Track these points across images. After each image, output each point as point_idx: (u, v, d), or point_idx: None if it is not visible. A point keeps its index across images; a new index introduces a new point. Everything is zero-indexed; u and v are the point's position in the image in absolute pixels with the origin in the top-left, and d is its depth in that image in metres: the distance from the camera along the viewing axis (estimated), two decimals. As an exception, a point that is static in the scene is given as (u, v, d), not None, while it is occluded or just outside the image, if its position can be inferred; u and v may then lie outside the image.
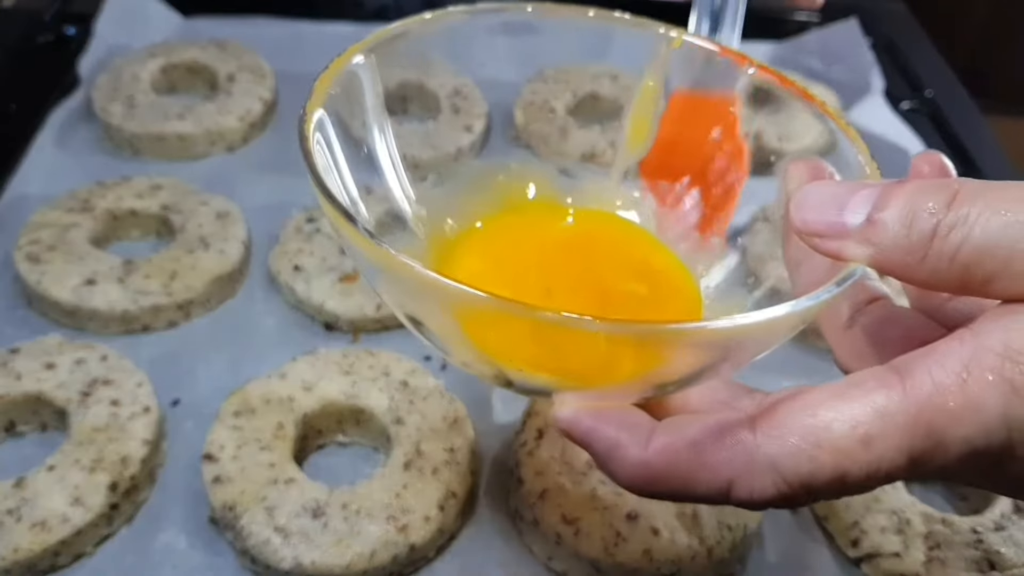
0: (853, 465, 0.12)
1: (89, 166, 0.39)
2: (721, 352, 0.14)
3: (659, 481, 0.13)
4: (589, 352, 0.14)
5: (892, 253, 0.12)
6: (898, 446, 0.12)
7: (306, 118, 0.18)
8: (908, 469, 0.12)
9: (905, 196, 0.12)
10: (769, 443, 0.12)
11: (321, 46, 0.48)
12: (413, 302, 0.15)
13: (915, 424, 0.12)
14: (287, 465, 0.26)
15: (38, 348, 0.29)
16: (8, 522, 0.24)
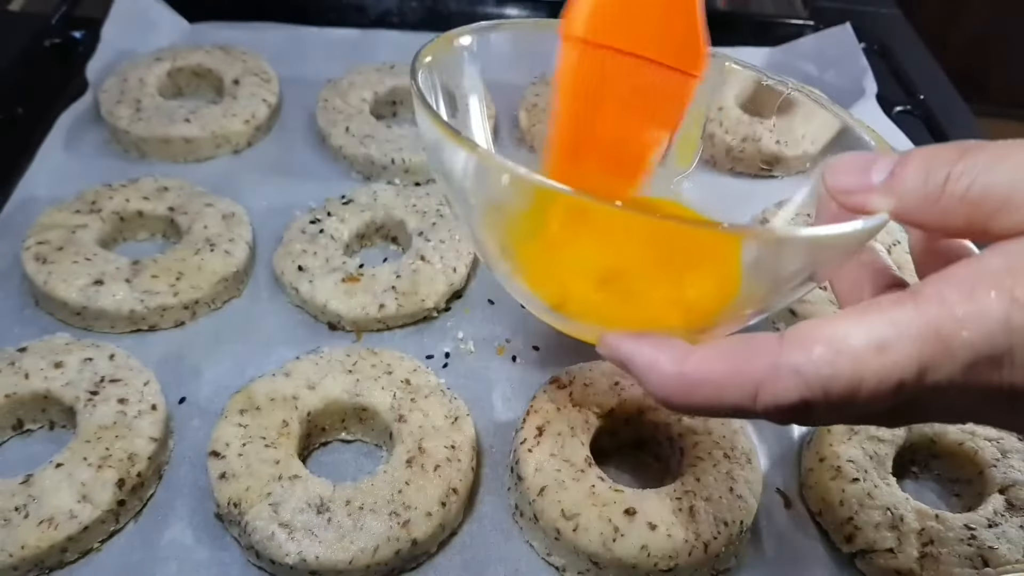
0: (867, 370, 0.13)
1: (96, 168, 0.39)
2: (772, 262, 0.15)
3: (693, 391, 0.14)
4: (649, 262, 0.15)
5: (911, 200, 0.14)
6: (910, 352, 0.13)
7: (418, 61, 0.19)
8: (918, 378, 0.13)
9: (922, 155, 0.15)
10: (793, 351, 0.13)
11: (324, 51, 0.49)
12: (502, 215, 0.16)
13: (925, 331, 0.13)
14: (291, 462, 0.27)
15: (46, 347, 0.30)
16: (16, 519, 0.25)
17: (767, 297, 0.16)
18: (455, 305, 0.35)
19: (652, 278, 0.16)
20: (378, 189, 0.38)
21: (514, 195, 0.15)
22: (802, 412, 0.14)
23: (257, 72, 0.44)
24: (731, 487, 0.27)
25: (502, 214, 0.16)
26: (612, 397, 0.29)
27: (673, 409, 0.15)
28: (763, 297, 0.16)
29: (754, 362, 0.14)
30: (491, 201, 0.16)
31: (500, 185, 0.15)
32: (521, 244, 0.16)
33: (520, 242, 0.16)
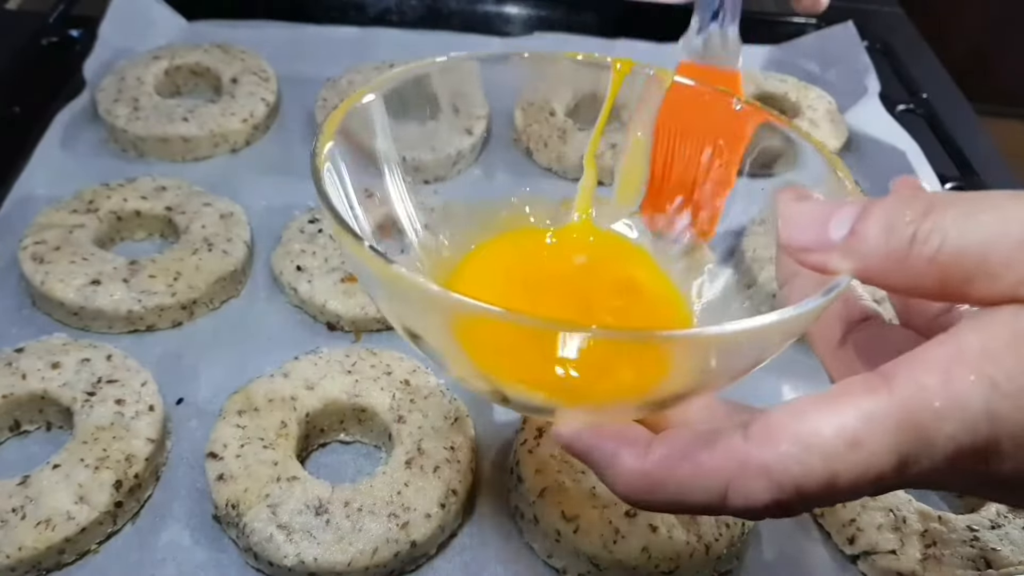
0: (843, 467, 0.12)
1: (94, 167, 0.39)
2: (712, 359, 0.14)
3: (656, 490, 0.13)
4: (585, 365, 0.14)
5: (873, 261, 0.13)
6: (887, 447, 0.12)
7: (318, 150, 0.18)
8: (897, 471, 0.12)
9: (884, 209, 0.13)
10: (761, 450, 0.13)
11: (323, 49, 0.49)
12: (413, 315, 0.16)
13: (902, 424, 0.12)
14: (290, 463, 0.27)
15: (43, 347, 0.29)
16: (13, 520, 0.24)
17: (705, 384, 0.15)
18: (455, 305, 0.35)
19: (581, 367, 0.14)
20: (377, 188, 0.38)
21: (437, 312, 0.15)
22: (776, 510, 0.13)
23: (255, 71, 0.43)
24: (732, 488, 0.27)
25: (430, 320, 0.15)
26: (612, 398, 0.29)
27: (636, 507, 0.14)
28: (699, 384, 0.15)
29: (719, 460, 0.13)
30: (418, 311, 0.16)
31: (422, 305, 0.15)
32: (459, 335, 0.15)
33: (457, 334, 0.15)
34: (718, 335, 0.13)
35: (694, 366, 0.14)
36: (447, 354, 0.16)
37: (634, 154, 0.22)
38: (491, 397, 0.16)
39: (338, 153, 0.19)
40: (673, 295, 0.20)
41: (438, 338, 0.16)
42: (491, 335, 0.14)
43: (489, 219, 0.23)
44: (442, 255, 0.21)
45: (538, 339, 0.13)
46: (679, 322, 0.19)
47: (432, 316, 0.15)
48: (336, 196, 0.18)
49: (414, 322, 0.16)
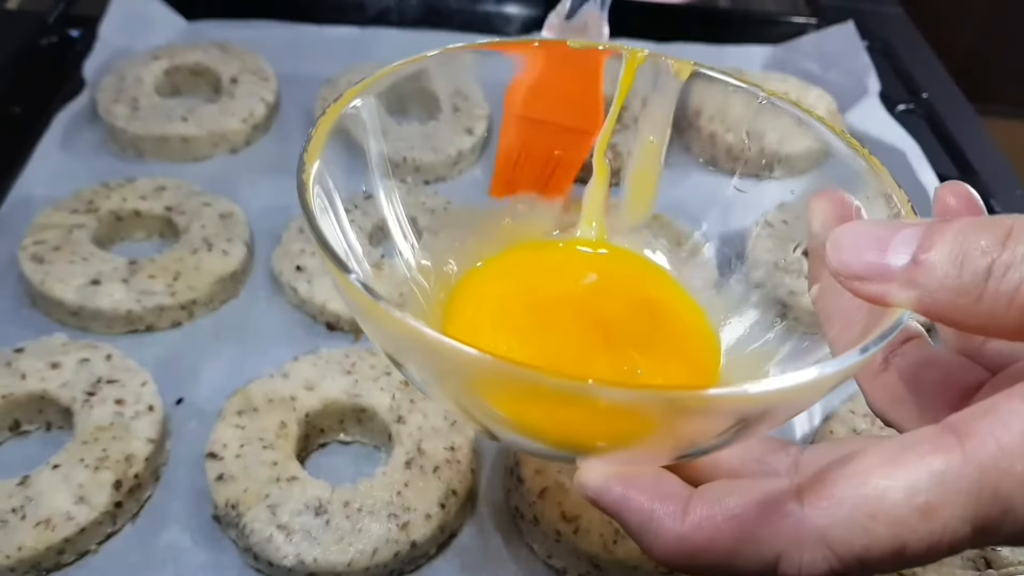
0: (912, 536, 0.11)
1: (93, 167, 0.39)
2: (754, 416, 0.12)
3: (699, 555, 0.12)
4: (617, 417, 0.12)
5: (941, 295, 0.11)
6: (962, 515, 0.11)
7: (304, 167, 0.16)
8: (973, 539, 0.11)
9: (953, 234, 0.11)
10: (819, 515, 0.11)
11: (323, 49, 0.49)
12: (415, 360, 0.14)
13: (979, 490, 0.11)
14: (290, 463, 0.27)
15: (43, 347, 0.29)
16: (13, 520, 0.24)
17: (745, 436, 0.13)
18: (454, 305, 0.35)
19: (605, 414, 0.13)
20: (377, 188, 0.38)
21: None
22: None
23: (255, 71, 0.43)
24: (732, 489, 0.27)
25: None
26: (612, 398, 0.29)
27: (675, 570, 0.13)
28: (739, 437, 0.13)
29: (770, 525, 0.11)
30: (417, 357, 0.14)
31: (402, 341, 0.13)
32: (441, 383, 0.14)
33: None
34: (761, 395, 0.11)
35: (731, 422, 0.12)
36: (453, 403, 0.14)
37: (646, 158, 0.20)
38: (494, 438, 0.15)
39: (330, 162, 0.18)
40: (696, 315, 0.18)
41: (445, 390, 0.14)
42: (506, 386, 0.12)
43: (493, 226, 0.21)
44: (444, 265, 0.20)
45: (563, 396, 0.12)
46: (708, 350, 0.17)
47: (437, 367, 0.13)
48: (327, 223, 0.16)
49: (417, 368, 0.14)
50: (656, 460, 0.13)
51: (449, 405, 0.15)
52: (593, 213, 0.21)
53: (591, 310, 0.18)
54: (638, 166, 0.21)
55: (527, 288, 0.20)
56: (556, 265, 0.21)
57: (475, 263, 0.20)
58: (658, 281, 0.20)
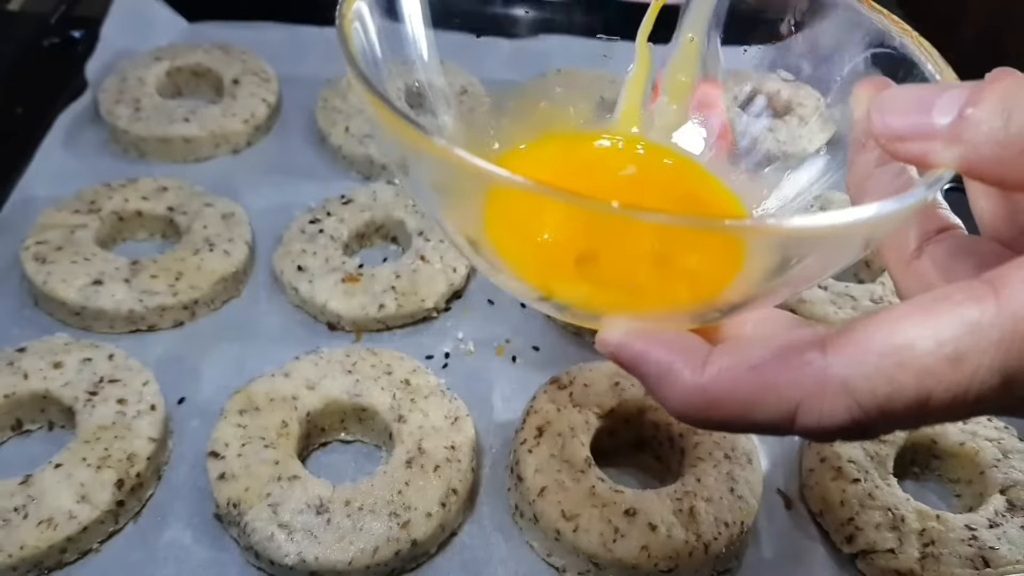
0: (939, 386, 0.10)
1: (96, 168, 0.39)
2: (786, 257, 0.12)
3: (715, 407, 0.11)
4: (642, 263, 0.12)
5: (987, 150, 0.11)
6: (990, 364, 0.10)
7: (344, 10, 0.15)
8: (1000, 392, 0.10)
9: (1000, 90, 0.11)
10: (842, 363, 0.11)
11: (324, 50, 0.49)
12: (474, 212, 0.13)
13: (1011, 339, 0.10)
14: (291, 462, 0.27)
15: (45, 347, 0.30)
16: (15, 519, 0.25)
17: (772, 290, 0.13)
18: (455, 305, 0.35)
19: (635, 263, 0.13)
20: (378, 189, 0.38)
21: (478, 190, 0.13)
22: (852, 432, 0.11)
23: (256, 71, 0.44)
24: (732, 487, 0.27)
25: (466, 203, 0.14)
26: (612, 397, 0.29)
27: (689, 424, 0.12)
28: (766, 289, 0.13)
29: (792, 375, 0.11)
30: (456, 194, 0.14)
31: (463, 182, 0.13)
32: (493, 232, 0.14)
33: (491, 230, 0.14)
34: (800, 228, 0.11)
35: (764, 265, 0.12)
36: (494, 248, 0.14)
37: (684, 58, 0.19)
38: (533, 298, 0.14)
39: (366, 14, 0.16)
40: (733, 203, 0.17)
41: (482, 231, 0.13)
42: (540, 225, 0.12)
43: (529, 108, 0.20)
44: (483, 142, 0.18)
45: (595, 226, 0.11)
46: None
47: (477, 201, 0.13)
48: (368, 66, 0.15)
49: (474, 228, 0.13)
50: (678, 322, 0.13)
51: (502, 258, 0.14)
52: (633, 103, 0.20)
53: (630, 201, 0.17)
54: (676, 64, 0.20)
55: (567, 177, 0.18)
56: (594, 158, 0.19)
57: (511, 146, 0.18)
58: (693, 174, 0.19)
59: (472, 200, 0.13)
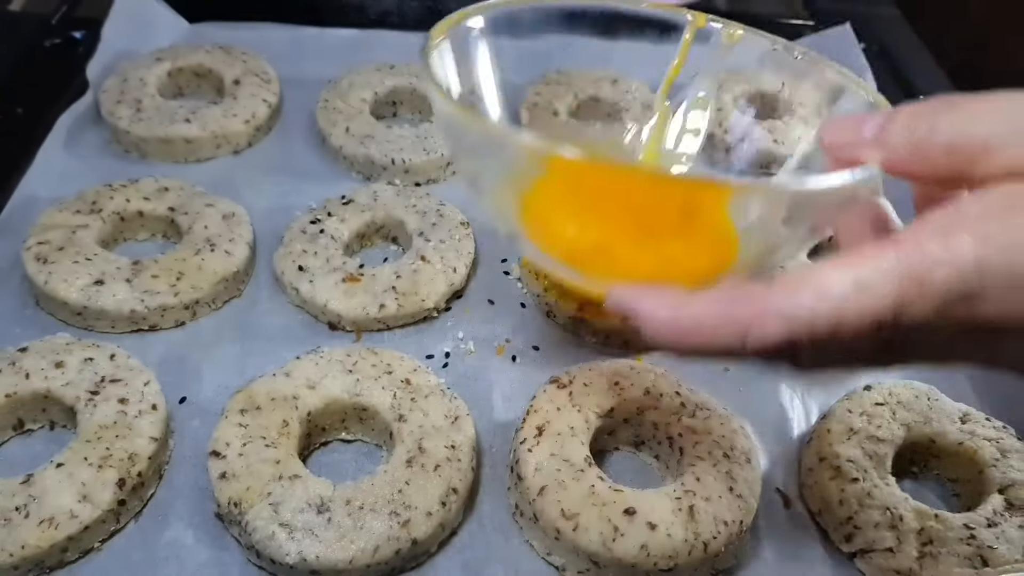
0: (848, 310, 0.14)
1: (97, 168, 0.39)
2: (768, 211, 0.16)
3: (688, 335, 0.15)
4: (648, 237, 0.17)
5: (898, 152, 0.16)
6: (887, 292, 0.14)
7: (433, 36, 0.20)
8: (895, 315, 0.14)
9: (909, 110, 0.16)
10: (780, 296, 0.15)
11: (324, 51, 0.49)
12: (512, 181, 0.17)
13: (902, 273, 0.14)
14: (292, 462, 0.27)
15: (46, 347, 0.30)
16: (16, 518, 0.25)
17: (767, 251, 0.18)
18: (455, 305, 0.35)
19: (644, 242, 0.17)
20: (378, 189, 0.38)
21: (518, 160, 0.17)
22: (788, 353, 0.15)
23: (257, 72, 0.44)
24: (731, 487, 0.27)
25: (512, 178, 0.18)
26: (612, 397, 0.29)
27: (672, 353, 0.16)
28: (763, 251, 0.18)
29: (744, 307, 0.15)
30: (502, 167, 0.18)
31: (507, 151, 0.17)
32: (530, 206, 0.18)
33: (529, 204, 0.18)
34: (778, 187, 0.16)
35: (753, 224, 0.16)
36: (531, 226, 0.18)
37: (697, 107, 0.24)
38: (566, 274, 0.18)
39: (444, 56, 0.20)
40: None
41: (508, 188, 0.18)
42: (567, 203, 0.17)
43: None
44: None
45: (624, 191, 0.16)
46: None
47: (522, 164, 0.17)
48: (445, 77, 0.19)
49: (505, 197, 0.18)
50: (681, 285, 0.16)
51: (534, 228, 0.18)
52: (653, 144, 0.25)
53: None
54: (691, 110, 0.25)
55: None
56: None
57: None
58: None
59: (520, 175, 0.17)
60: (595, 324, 0.34)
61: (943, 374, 0.35)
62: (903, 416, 0.30)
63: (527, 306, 0.36)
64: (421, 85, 0.44)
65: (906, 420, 0.30)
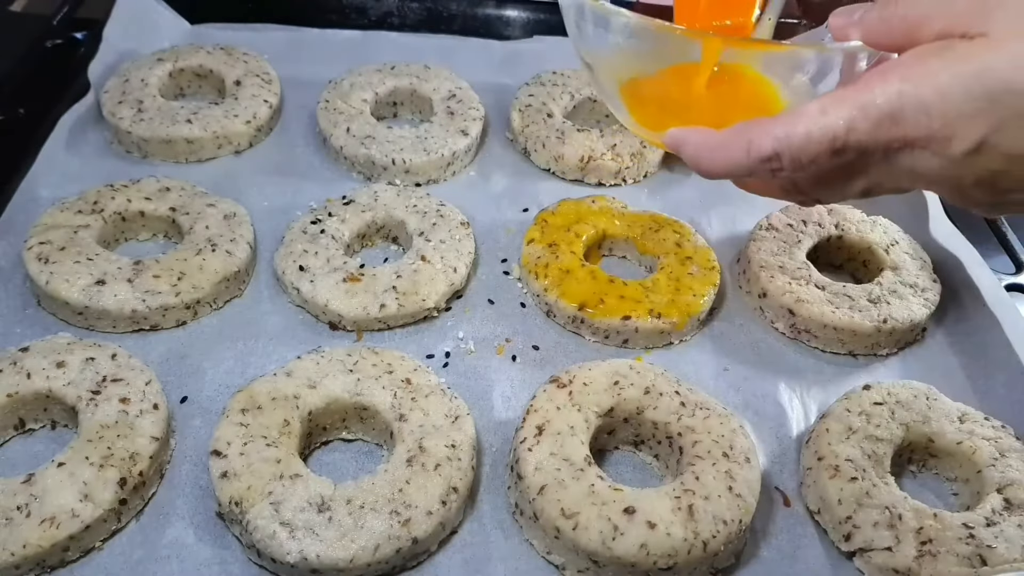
0: (814, 127, 0.20)
1: (98, 169, 0.39)
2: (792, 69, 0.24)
3: (713, 154, 0.22)
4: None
5: (872, 27, 0.22)
6: (840, 114, 0.20)
7: None
8: (846, 132, 0.20)
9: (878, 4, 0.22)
10: (774, 122, 0.21)
11: (325, 52, 0.49)
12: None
13: (852, 103, 0.19)
14: (293, 461, 0.27)
15: (48, 346, 0.30)
16: (18, 518, 0.25)
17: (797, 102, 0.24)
18: (455, 305, 0.35)
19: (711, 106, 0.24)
20: (379, 189, 0.38)
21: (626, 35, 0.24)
22: (776, 162, 0.20)
23: (258, 73, 0.44)
24: (730, 486, 0.27)
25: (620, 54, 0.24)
26: (611, 396, 0.29)
27: (701, 170, 0.22)
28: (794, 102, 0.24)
29: (750, 130, 0.21)
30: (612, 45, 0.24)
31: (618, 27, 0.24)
32: (628, 81, 0.25)
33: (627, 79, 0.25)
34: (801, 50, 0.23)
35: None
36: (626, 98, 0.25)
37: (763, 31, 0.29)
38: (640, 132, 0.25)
39: None
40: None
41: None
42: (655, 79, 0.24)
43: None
44: None
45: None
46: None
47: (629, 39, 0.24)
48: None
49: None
50: None
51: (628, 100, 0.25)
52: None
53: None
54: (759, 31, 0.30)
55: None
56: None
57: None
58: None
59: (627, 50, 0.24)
60: (595, 324, 0.34)
61: (942, 374, 0.35)
62: (902, 415, 0.31)
63: (527, 306, 0.36)
64: (422, 86, 0.44)
65: (905, 419, 0.30)
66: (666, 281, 0.35)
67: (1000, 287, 0.37)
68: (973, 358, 0.35)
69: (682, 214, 0.40)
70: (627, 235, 0.38)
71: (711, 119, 0.23)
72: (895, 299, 0.36)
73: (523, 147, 0.44)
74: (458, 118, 0.43)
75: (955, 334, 0.36)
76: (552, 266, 0.35)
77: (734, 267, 0.39)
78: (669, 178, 0.44)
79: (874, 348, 0.35)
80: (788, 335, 0.36)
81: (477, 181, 0.43)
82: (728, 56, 0.25)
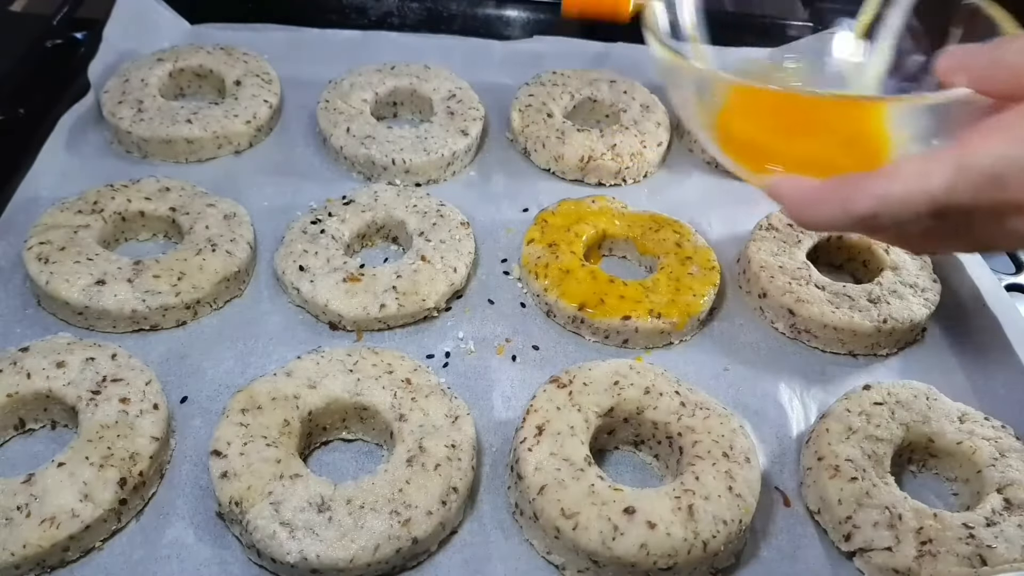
0: (914, 188, 0.19)
1: (98, 169, 0.39)
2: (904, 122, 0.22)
3: (812, 206, 0.21)
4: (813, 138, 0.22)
5: (977, 74, 0.21)
6: (941, 175, 0.19)
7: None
8: (946, 194, 0.19)
9: (989, 44, 0.21)
10: (872, 180, 0.20)
11: (325, 52, 0.49)
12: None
13: (955, 164, 0.19)
14: (292, 461, 0.27)
15: (48, 346, 0.30)
16: (18, 518, 0.25)
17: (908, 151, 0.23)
18: (455, 305, 0.35)
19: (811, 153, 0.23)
20: (379, 189, 0.38)
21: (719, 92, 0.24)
22: (872, 219, 0.20)
23: (258, 73, 0.44)
24: (730, 486, 0.27)
25: (713, 104, 0.24)
26: (611, 396, 0.29)
27: (800, 222, 0.22)
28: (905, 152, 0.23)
29: (847, 187, 0.20)
30: (702, 96, 0.24)
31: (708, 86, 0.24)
32: (722, 124, 0.24)
33: (721, 123, 0.24)
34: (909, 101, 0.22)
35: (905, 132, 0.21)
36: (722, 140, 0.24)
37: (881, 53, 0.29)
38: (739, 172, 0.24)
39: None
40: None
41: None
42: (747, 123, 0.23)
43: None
44: None
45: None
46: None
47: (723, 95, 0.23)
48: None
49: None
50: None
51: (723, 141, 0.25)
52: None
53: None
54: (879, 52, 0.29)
55: None
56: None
57: None
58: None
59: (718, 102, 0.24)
60: (595, 324, 0.34)
61: (942, 374, 0.35)
62: (902, 415, 0.31)
63: (527, 306, 0.36)
64: (422, 86, 0.44)
65: (905, 419, 0.31)
66: (666, 281, 0.35)
67: (1000, 287, 0.37)
68: (973, 358, 0.35)
69: (682, 214, 0.40)
70: (627, 235, 0.38)
71: (812, 158, 0.22)
72: (895, 299, 0.36)
73: (523, 147, 0.44)
74: (458, 118, 0.43)
75: (955, 334, 0.37)
76: (552, 266, 0.35)
77: (734, 267, 0.39)
78: (669, 178, 0.44)
79: (874, 348, 0.35)
80: (788, 335, 0.36)
81: (477, 181, 0.43)
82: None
